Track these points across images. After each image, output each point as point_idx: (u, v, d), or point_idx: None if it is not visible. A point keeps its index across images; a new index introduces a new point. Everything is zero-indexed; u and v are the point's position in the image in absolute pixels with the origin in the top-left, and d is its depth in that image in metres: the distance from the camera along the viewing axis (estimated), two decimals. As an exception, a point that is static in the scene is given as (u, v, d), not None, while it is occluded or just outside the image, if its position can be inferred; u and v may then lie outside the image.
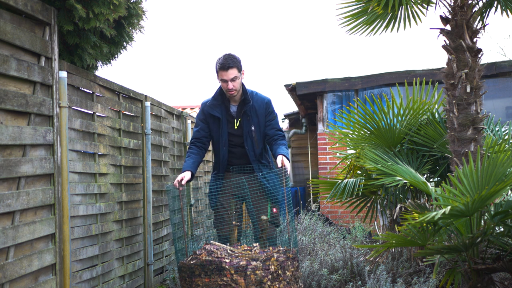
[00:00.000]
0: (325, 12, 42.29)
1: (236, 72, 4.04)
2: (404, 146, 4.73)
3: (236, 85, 4.08)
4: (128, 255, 4.19)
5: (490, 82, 7.99)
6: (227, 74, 4.03)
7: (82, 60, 3.49)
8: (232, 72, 4.02)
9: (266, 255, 3.69)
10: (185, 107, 12.90)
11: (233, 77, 4.03)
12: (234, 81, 4.05)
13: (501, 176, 2.97)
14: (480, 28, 4.05)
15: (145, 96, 4.63)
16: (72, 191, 3.32)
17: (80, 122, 3.47)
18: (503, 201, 3.20)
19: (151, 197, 4.58)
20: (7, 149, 2.56)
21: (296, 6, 43.03)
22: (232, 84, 4.06)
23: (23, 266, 2.62)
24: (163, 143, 5.07)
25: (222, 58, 4.06)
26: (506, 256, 3.13)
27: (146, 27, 3.91)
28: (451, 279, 3.33)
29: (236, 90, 4.10)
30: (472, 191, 3.00)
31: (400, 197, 4.76)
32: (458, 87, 3.98)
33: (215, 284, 3.51)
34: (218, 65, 4.05)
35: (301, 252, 5.27)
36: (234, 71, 4.03)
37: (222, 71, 4.03)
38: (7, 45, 2.58)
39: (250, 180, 4.11)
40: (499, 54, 20.85)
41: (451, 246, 2.99)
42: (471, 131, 3.93)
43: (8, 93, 2.54)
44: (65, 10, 3.13)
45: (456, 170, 3.31)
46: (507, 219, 3.08)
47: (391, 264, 4.70)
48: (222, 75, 4.05)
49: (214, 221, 4.22)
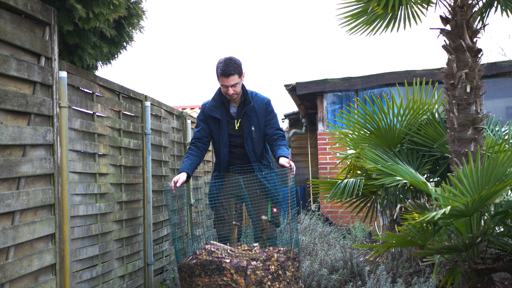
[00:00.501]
0: (325, 12, 42.30)
1: (237, 78, 4.04)
2: (404, 146, 4.73)
3: (237, 90, 4.09)
4: (128, 255, 4.19)
5: (490, 82, 7.99)
6: (228, 80, 4.02)
7: (82, 60, 3.49)
8: (233, 78, 4.02)
9: (266, 255, 3.69)
10: (185, 107, 12.90)
11: (234, 83, 4.04)
12: (235, 86, 4.06)
13: (501, 176, 2.97)
14: (480, 28, 4.05)
15: (145, 96, 4.63)
16: (72, 191, 3.32)
17: (80, 122, 3.47)
18: (503, 201, 3.20)
19: (151, 197, 4.58)
20: (7, 149, 2.56)
21: (296, 6, 43.04)
22: (233, 90, 4.07)
23: (23, 266, 2.62)
24: (163, 143, 5.07)
25: (223, 63, 4.03)
26: (506, 256, 3.13)
27: (146, 27, 3.91)
28: (451, 279, 3.33)
29: (236, 94, 4.11)
30: (472, 191, 3.00)
31: (400, 197, 4.76)
32: (458, 87, 3.98)
33: (215, 284, 3.51)
34: (219, 71, 4.03)
35: (301, 252, 5.27)
36: (235, 78, 4.03)
37: (223, 77, 4.03)
38: (7, 45, 2.58)
39: (250, 180, 4.11)
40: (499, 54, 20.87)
41: (451, 246, 2.99)
42: (471, 131, 3.93)
43: (8, 93, 2.54)
44: (65, 10, 3.13)
45: (456, 170, 3.31)
46: (507, 219, 3.08)
47: (391, 264, 4.71)
48: (223, 81, 4.05)
49: (214, 221, 4.22)
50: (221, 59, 4.08)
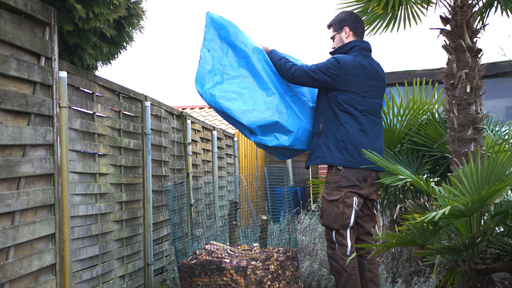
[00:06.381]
0: (325, 12, 42.29)
1: (331, 31, 3.83)
2: (404, 146, 4.74)
3: (333, 45, 3.85)
4: (128, 255, 4.18)
5: (490, 82, 7.99)
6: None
7: (82, 60, 3.49)
8: (329, 31, 3.87)
9: (266, 255, 3.69)
10: (185, 107, 12.91)
11: (330, 36, 3.84)
12: (332, 39, 3.84)
13: (501, 176, 2.97)
14: (480, 28, 4.05)
15: (145, 96, 4.63)
16: (72, 191, 3.32)
17: (80, 122, 3.47)
18: (503, 201, 3.20)
19: (151, 197, 4.58)
20: (7, 149, 2.56)
21: (296, 6, 43.06)
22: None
23: (23, 266, 2.62)
24: (163, 143, 5.07)
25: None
26: (506, 256, 3.13)
27: (146, 27, 3.91)
28: (451, 279, 3.32)
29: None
30: (472, 191, 3.00)
31: (400, 197, 4.76)
32: (458, 87, 3.98)
33: (215, 284, 3.51)
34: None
35: (301, 252, 5.27)
36: (329, 31, 3.85)
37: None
38: (7, 45, 2.58)
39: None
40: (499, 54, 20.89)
41: (451, 246, 2.99)
42: (471, 131, 3.93)
43: (8, 93, 2.54)
44: (65, 10, 3.13)
45: (456, 170, 3.31)
46: (507, 219, 3.08)
47: (391, 264, 4.71)
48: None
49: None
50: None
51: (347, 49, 3.65)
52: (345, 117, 3.50)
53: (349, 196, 3.46)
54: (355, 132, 3.49)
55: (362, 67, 3.55)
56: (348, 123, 3.50)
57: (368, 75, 3.57)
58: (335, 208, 3.45)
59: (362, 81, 3.54)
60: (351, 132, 3.49)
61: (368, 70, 3.57)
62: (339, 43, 3.73)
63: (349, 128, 3.49)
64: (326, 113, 3.56)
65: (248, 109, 3.54)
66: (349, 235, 3.47)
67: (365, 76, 3.56)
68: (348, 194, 3.46)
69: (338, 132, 3.49)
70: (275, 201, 7.70)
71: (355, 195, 3.48)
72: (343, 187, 3.47)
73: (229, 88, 3.61)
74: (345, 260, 3.42)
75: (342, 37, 3.71)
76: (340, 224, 3.45)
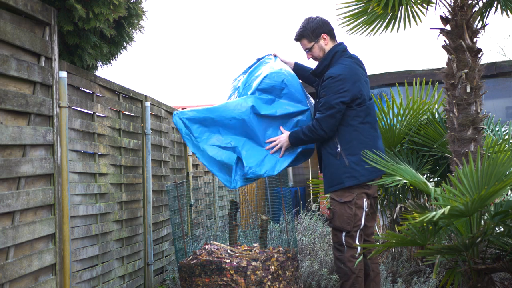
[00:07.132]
0: (325, 12, 42.30)
1: (306, 42, 3.71)
2: (404, 146, 4.74)
3: (313, 54, 3.74)
4: (128, 255, 4.18)
5: (490, 82, 7.99)
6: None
7: (82, 60, 3.49)
8: (302, 43, 3.75)
9: (266, 255, 3.69)
10: (185, 107, 12.89)
11: (304, 48, 3.75)
12: (309, 51, 3.73)
13: (501, 176, 2.96)
14: (480, 28, 4.04)
15: (145, 96, 4.63)
16: (72, 191, 3.32)
17: (80, 122, 3.47)
18: (503, 201, 3.20)
19: (151, 197, 4.58)
20: (7, 149, 2.56)
21: (295, 6, 43.05)
22: (309, 54, 3.76)
23: (23, 266, 2.62)
24: (163, 143, 5.07)
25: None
26: (506, 256, 3.13)
27: (146, 27, 3.91)
28: (451, 279, 3.32)
29: (314, 59, 3.79)
30: (472, 191, 3.00)
31: (400, 197, 4.76)
32: (458, 87, 3.98)
33: (215, 284, 3.51)
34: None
35: (301, 252, 5.27)
36: (303, 42, 3.73)
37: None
38: (7, 45, 2.58)
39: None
40: (499, 54, 20.89)
41: (451, 246, 2.99)
42: (471, 131, 3.93)
43: (8, 93, 2.54)
44: (65, 10, 3.13)
45: (456, 170, 3.31)
46: (507, 219, 3.08)
47: (391, 264, 4.71)
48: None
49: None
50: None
51: (331, 56, 3.58)
52: (365, 128, 3.51)
53: (360, 198, 3.47)
54: (374, 139, 3.55)
55: (354, 69, 3.54)
56: (369, 131, 3.53)
57: (362, 74, 3.60)
58: (348, 209, 3.44)
59: (364, 81, 3.58)
60: (371, 139, 3.53)
61: (358, 70, 3.57)
62: (320, 52, 3.64)
63: (369, 136, 3.53)
64: (342, 133, 3.48)
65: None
66: (358, 237, 3.48)
67: (363, 75, 3.58)
68: (359, 195, 3.47)
69: (362, 145, 3.48)
70: (275, 201, 7.69)
71: (364, 196, 3.49)
72: (354, 187, 3.46)
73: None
74: (353, 263, 3.42)
75: (321, 45, 3.63)
76: (353, 226, 3.46)
